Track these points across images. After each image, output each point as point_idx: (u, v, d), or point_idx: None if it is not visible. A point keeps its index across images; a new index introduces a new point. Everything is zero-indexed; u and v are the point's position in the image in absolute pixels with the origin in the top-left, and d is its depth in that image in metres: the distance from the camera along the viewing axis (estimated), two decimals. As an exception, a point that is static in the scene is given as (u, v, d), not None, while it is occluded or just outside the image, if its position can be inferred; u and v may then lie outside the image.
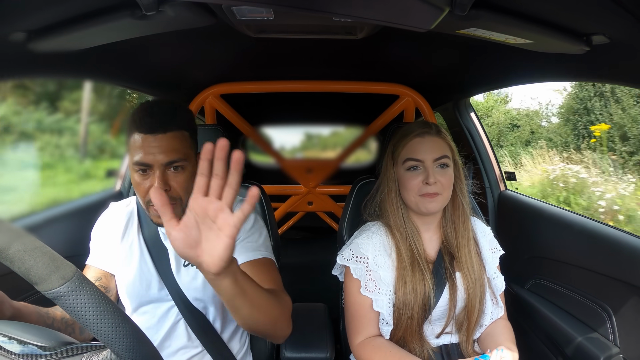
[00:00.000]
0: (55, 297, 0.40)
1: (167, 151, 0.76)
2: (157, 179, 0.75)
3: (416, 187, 0.86)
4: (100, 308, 0.41)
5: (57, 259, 0.42)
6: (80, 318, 0.40)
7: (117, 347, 0.41)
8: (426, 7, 0.56)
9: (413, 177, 0.86)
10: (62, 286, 0.40)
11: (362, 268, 0.88)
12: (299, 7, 0.56)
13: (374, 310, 0.86)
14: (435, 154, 0.86)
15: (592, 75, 0.95)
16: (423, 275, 0.86)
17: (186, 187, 0.79)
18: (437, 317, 0.89)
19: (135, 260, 0.87)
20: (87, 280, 0.42)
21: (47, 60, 0.86)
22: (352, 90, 1.57)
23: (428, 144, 0.87)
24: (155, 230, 0.88)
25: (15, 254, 0.40)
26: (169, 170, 0.77)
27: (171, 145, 0.76)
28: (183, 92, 1.57)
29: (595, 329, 1.02)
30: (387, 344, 0.85)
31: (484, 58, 1.11)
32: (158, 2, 0.62)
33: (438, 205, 0.87)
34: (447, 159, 0.87)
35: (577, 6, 0.60)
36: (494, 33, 0.69)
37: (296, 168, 1.97)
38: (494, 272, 0.94)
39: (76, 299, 0.40)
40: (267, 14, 0.72)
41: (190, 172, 0.80)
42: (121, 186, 1.55)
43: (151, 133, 0.76)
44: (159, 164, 0.75)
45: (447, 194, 0.87)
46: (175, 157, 0.77)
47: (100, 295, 0.42)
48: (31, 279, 0.41)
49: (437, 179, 0.85)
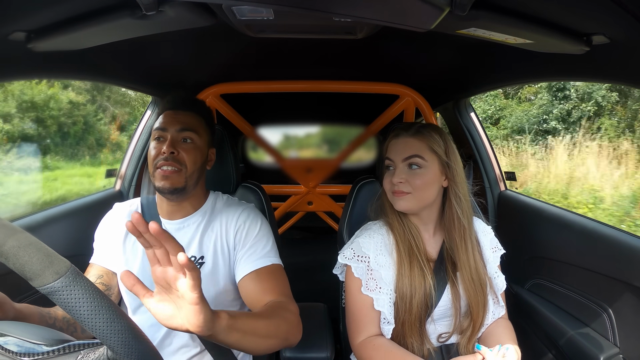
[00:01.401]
0: (49, 293, 0.40)
1: (181, 122, 0.88)
2: (167, 142, 0.85)
3: (388, 186, 0.89)
4: (94, 303, 0.41)
5: (52, 255, 0.42)
6: (74, 313, 0.40)
7: (112, 342, 0.41)
8: (426, 7, 0.56)
9: (387, 177, 0.89)
10: (56, 281, 0.40)
11: (363, 267, 0.88)
12: (299, 7, 0.56)
13: (375, 310, 0.86)
14: (404, 153, 0.86)
15: (592, 75, 0.94)
16: (422, 271, 0.86)
17: (193, 159, 0.87)
18: (440, 316, 0.89)
19: (138, 259, 0.88)
20: (82, 276, 0.42)
21: (47, 60, 0.86)
22: (352, 90, 1.57)
23: (400, 144, 0.88)
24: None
25: (10, 250, 0.40)
26: (180, 141, 0.87)
27: (187, 120, 0.89)
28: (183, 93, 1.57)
29: (595, 329, 1.02)
30: (387, 343, 0.85)
31: (484, 58, 1.11)
32: (158, 2, 0.62)
33: (407, 205, 0.86)
34: (419, 159, 0.86)
35: (577, 6, 0.60)
36: (494, 33, 0.69)
37: (296, 168, 1.97)
38: (495, 271, 0.94)
39: (70, 294, 0.40)
40: (267, 14, 0.72)
41: (200, 150, 0.90)
42: (121, 186, 1.55)
43: (173, 109, 0.90)
44: (172, 129, 0.87)
45: (422, 195, 0.86)
46: (187, 127, 0.88)
47: (95, 291, 0.41)
48: (26, 275, 0.40)
49: (406, 179, 0.85)
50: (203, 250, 0.89)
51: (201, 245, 0.89)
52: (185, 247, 0.87)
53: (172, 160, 0.84)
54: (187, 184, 0.86)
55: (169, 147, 0.84)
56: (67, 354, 0.44)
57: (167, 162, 0.84)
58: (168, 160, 0.84)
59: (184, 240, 0.89)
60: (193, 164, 0.87)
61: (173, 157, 0.85)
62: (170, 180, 0.84)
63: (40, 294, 0.41)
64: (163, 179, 0.84)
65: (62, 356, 0.44)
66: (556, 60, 0.86)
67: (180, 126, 0.87)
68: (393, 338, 0.88)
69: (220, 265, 0.88)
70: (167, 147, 0.84)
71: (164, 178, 0.84)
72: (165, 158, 0.84)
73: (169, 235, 0.50)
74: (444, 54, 1.15)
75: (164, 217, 0.91)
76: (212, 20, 0.74)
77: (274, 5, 0.64)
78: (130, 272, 0.51)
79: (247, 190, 1.13)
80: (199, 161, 0.89)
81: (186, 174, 0.86)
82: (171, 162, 0.84)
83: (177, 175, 0.85)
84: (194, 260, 0.88)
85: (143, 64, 1.17)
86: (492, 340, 0.89)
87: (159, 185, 0.85)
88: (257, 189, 1.14)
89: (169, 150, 0.84)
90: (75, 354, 0.44)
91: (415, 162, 0.86)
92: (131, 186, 1.56)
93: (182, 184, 0.86)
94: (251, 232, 0.89)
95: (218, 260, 0.88)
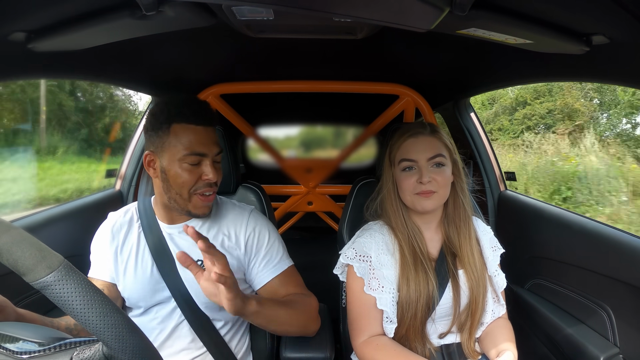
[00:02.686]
0: (42, 287, 0.40)
1: (216, 143, 0.84)
2: (212, 168, 0.82)
3: (411, 187, 0.87)
4: (87, 297, 0.40)
5: (44, 249, 0.41)
6: (67, 308, 0.40)
7: (106, 336, 0.40)
8: (426, 7, 0.56)
9: (408, 177, 0.87)
10: (48, 275, 0.40)
11: (365, 267, 0.88)
12: (299, 7, 0.56)
13: (378, 309, 0.86)
14: (428, 153, 0.86)
15: (592, 75, 0.94)
16: (426, 274, 0.86)
17: (220, 177, 0.87)
18: (440, 315, 0.89)
19: (138, 265, 0.87)
20: (74, 270, 0.42)
21: (47, 60, 0.86)
22: (352, 90, 1.57)
23: (421, 144, 0.88)
24: (159, 235, 0.88)
25: (3, 246, 0.40)
26: (216, 162, 0.86)
27: (216, 139, 0.85)
28: (183, 92, 1.57)
29: (595, 329, 1.02)
30: (390, 343, 0.85)
31: (483, 58, 1.11)
32: (158, 2, 0.62)
33: (434, 203, 0.87)
34: (442, 158, 0.87)
35: (577, 6, 0.60)
36: (494, 33, 0.69)
37: (296, 168, 1.97)
38: (495, 269, 0.94)
39: (63, 288, 0.40)
40: (267, 14, 0.72)
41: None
42: (121, 186, 1.55)
43: (204, 125, 0.82)
44: (212, 153, 0.83)
45: (444, 193, 0.88)
46: (220, 150, 0.85)
47: (88, 285, 0.41)
48: (19, 270, 0.40)
49: (432, 177, 0.85)
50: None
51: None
52: (187, 251, 0.86)
53: (214, 186, 0.84)
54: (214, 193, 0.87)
55: (216, 175, 0.83)
56: (62, 351, 0.44)
57: (211, 189, 0.84)
58: (212, 187, 0.84)
59: (186, 244, 0.88)
60: (219, 181, 0.87)
61: (215, 183, 0.84)
62: (209, 207, 0.85)
63: (40, 295, 0.41)
64: (204, 207, 0.84)
65: (57, 353, 0.44)
66: (556, 60, 0.86)
67: (217, 149, 0.84)
68: (395, 339, 0.88)
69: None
70: (215, 175, 0.82)
71: (205, 207, 0.84)
72: (208, 186, 0.83)
73: (198, 235, 0.64)
74: (444, 54, 1.15)
75: (163, 221, 0.89)
76: (212, 20, 0.74)
77: (274, 6, 0.64)
78: (186, 253, 0.66)
79: (247, 191, 1.13)
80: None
81: (216, 189, 0.86)
82: (214, 187, 0.84)
83: (212, 199, 0.85)
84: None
85: (143, 64, 1.17)
86: (490, 340, 0.89)
87: (198, 212, 0.84)
88: (257, 189, 1.13)
89: (216, 178, 0.83)
90: (71, 351, 0.44)
91: (440, 161, 0.87)
92: (131, 186, 1.55)
93: (215, 198, 0.87)
94: (262, 240, 0.91)
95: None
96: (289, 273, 0.92)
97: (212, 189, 0.84)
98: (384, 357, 0.83)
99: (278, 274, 0.90)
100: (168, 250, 0.87)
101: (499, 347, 0.86)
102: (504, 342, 0.87)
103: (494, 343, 0.88)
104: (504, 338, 0.88)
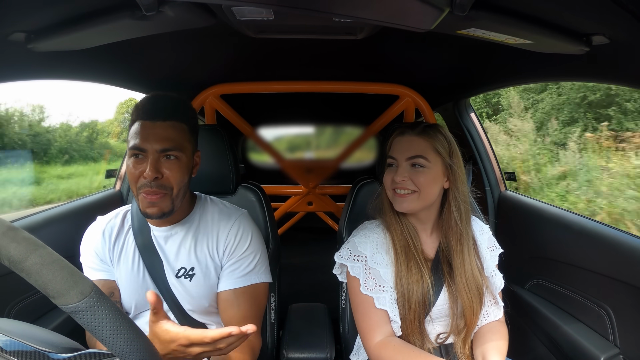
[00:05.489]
0: (73, 312, 0.40)
1: (163, 139, 0.77)
2: (150, 165, 0.75)
3: (388, 183, 0.88)
4: (117, 323, 0.41)
5: (75, 274, 0.41)
6: (96, 333, 0.41)
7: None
8: (426, 8, 0.56)
9: (388, 174, 0.88)
10: (80, 302, 0.40)
11: (360, 266, 0.88)
12: (299, 7, 0.56)
13: (378, 309, 0.86)
14: (408, 153, 0.85)
15: (592, 75, 0.95)
16: (420, 270, 0.86)
17: (179, 179, 0.79)
18: (437, 315, 0.89)
19: (130, 268, 0.86)
20: (104, 296, 0.42)
21: (47, 61, 0.86)
22: (352, 90, 1.57)
23: (404, 143, 0.87)
24: (149, 238, 0.87)
25: (32, 266, 0.40)
26: (162, 159, 0.78)
27: (168, 134, 0.77)
28: (183, 92, 1.57)
29: (595, 329, 1.02)
30: (407, 345, 0.84)
31: (483, 58, 1.11)
32: (158, 3, 0.62)
33: (411, 205, 0.86)
34: (423, 160, 0.85)
35: (577, 6, 0.60)
36: (494, 33, 0.69)
37: (296, 168, 1.97)
38: (492, 269, 0.93)
39: (94, 315, 0.40)
40: (267, 14, 0.72)
41: (185, 165, 0.80)
42: (121, 186, 1.55)
43: (150, 120, 0.77)
44: (153, 149, 0.76)
45: (425, 195, 0.85)
46: (170, 146, 0.77)
47: (117, 311, 0.42)
48: (48, 293, 0.40)
49: (410, 178, 0.84)
50: (192, 260, 0.86)
51: (190, 255, 0.86)
52: (174, 256, 0.86)
53: (157, 187, 0.76)
54: (174, 206, 0.80)
55: (152, 171, 0.75)
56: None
57: (151, 190, 0.76)
58: (152, 187, 0.76)
59: (172, 250, 0.86)
60: (180, 182, 0.79)
61: (157, 183, 0.76)
62: (157, 207, 0.77)
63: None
64: (149, 206, 0.77)
65: None
66: (556, 60, 0.86)
67: (161, 145, 0.76)
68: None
69: (211, 275, 0.87)
70: (150, 172, 0.75)
71: (150, 205, 0.77)
72: (149, 183, 0.76)
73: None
74: (444, 55, 1.15)
75: (153, 224, 0.87)
76: (212, 20, 0.74)
77: (274, 6, 0.64)
78: (156, 295, 0.57)
79: (247, 191, 1.13)
80: (186, 178, 0.81)
81: (172, 196, 0.79)
82: (155, 188, 0.76)
83: (163, 200, 0.78)
84: (184, 272, 0.86)
85: (143, 64, 1.17)
86: (479, 346, 0.89)
87: (146, 211, 0.78)
88: (257, 190, 1.13)
89: (153, 175, 0.75)
90: None
91: (418, 162, 0.85)
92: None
93: (169, 208, 0.79)
94: (240, 247, 0.87)
95: (209, 270, 0.86)
96: (249, 292, 0.86)
97: (153, 191, 0.76)
98: (403, 359, 0.81)
99: (236, 287, 0.85)
100: (157, 255, 0.86)
101: (485, 355, 0.86)
102: (492, 350, 0.86)
103: (481, 350, 0.88)
104: (493, 346, 0.87)
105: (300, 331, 1.07)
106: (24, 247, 0.40)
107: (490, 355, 0.85)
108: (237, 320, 0.83)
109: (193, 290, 0.85)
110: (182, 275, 0.86)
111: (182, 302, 0.86)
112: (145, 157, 0.77)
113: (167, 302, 0.86)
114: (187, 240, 0.87)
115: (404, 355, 0.81)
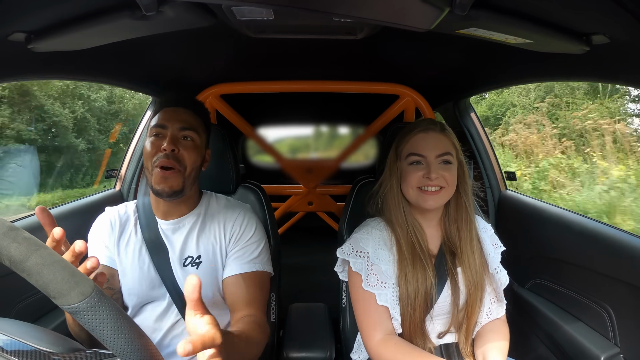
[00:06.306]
0: (74, 312, 0.40)
1: (183, 120, 0.86)
2: (168, 138, 0.83)
3: (415, 180, 0.87)
4: (117, 323, 0.41)
5: (76, 274, 0.41)
6: (98, 333, 0.41)
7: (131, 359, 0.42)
8: (426, 7, 0.56)
9: (414, 171, 0.87)
10: (81, 302, 0.40)
11: (362, 262, 0.88)
12: (299, 7, 0.56)
13: (380, 305, 0.85)
14: (438, 150, 0.87)
15: (592, 75, 0.94)
16: (425, 270, 0.86)
17: (193, 159, 0.86)
18: (438, 313, 0.89)
19: (135, 259, 0.87)
20: (105, 296, 0.42)
21: (47, 61, 0.86)
22: (352, 90, 1.57)
23: (431, 140, 0.88)
24: (156, 231, 0.88)
25: (33, 267, 0.40)
26: (180, 138, 0.85)
27: (188, 118, 0.87)
28: (183, 92, 1.57)
29: (595, 329, 1.02)
30: (407, 344, 0.84)
31: (484, 58, 1.11)
32: (158, 3, 0.62)
33: (439, 201, 0.87)
34: (450, 156, 0.87)
35: (577, 6, 0.60)
36: (494, 33, 0.69)
37: (296, 168, 1.97)
38: (497, 266, 0.93)
39: (95, 315, 0.40)
40: (266, 14, 0.72)
41: (199, 150, 0.88)
42: (121, 187, 1.56)
43: (173, 106, 0.88)
44: (173, 127, 0.85)
45: (451, 191, 0.88)
46: (188, 125, 0.86)
47: (118, 311, 0.42)
48: (49, 293, 0.40)
49: (440, 174, 0.86)
50: (200, 249, 0.89)
51: (198, 245, 0.89)
52: (181, 247, 0.88)
53: (173, 159, 0.82)
54: (184, 185, 0.85)
55: (169, 144, 0.82)
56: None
57: (167, 161, 0.82)
58: (169, 158, 0.82)
59: (179, 240, 0.89)
60: (193, 163, 0.85)
61: (174, 155, 0.82)
62: (169, 183, 0.82)
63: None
64: (162, 182, 0.82)
65: None
66: (556, 60, 0.86)
67: (181, 124, 0.85)
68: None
69: (218, 263, 0.89)
70: (168, 144, 0.82)
71: (163, 180, 0.82)
72: (166, 155, 0.82)
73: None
74: (444, 54, 1.15)
75: (160, 217, 0.90)
76: (212, 20, 0.74)
77: (274, 6, 0.64)
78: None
79: (247, 190, 1.13)
80: (198, 161, 0.88)
81: (184, 174, 0.84)
82: (172, 160, 0.82)
83: (176, 177, 0.83)
84: (190, 260, 0.88)
85: (143, 64, 1.17)
86: (481, 345, 0.89)
87: (158, 187, 0.83)
88: (257, 189, 1.14)
89: (170, 148, 0.82)
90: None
91: (448, 158, 0.87)
92: (131, 187, 1.56)
93: (181, 186, 0.84)
94: (245, 235, 0.91)
95: (216, 260, 0.89)
96: (256, 278, 0.89)
97: (169, 162, 0.82)
98: (404, 358, 0.81)
99: (244, 272, 0.88)
100: (164, 247, 0.88)
101: (486, 355, 0.86)
102: (493, 349, 0.86)
103: (482, 350, 0.88)
104: (494, 346, 0.87)
105: (300, 331, 1.07)
106: (25, 247, 0.40)
107: (491, 355, 0.85)
108: (245, 304, 0.85)
109: (200, 278, 0.85)
110: (189, 263, 0.87)
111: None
112: (164, 136, 0.84)
113: (170, 294, 0.86)
114: (194, 230, 0.90)
115: (404, 353, 0.81)
